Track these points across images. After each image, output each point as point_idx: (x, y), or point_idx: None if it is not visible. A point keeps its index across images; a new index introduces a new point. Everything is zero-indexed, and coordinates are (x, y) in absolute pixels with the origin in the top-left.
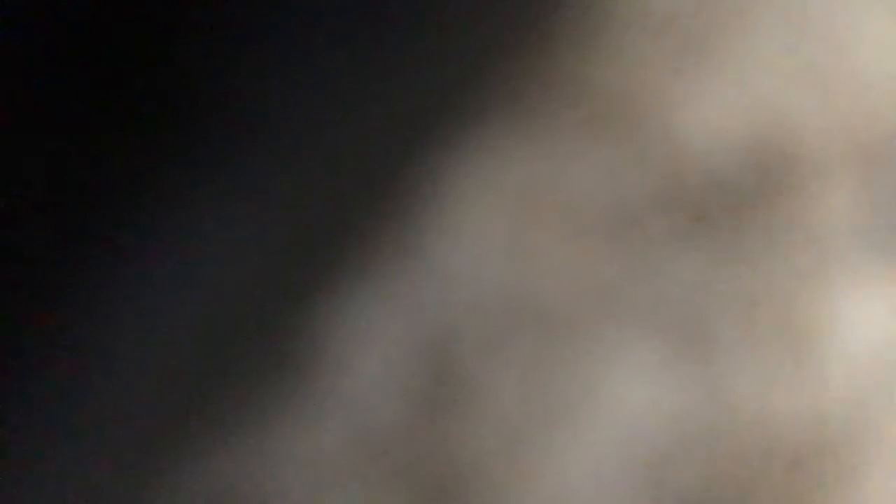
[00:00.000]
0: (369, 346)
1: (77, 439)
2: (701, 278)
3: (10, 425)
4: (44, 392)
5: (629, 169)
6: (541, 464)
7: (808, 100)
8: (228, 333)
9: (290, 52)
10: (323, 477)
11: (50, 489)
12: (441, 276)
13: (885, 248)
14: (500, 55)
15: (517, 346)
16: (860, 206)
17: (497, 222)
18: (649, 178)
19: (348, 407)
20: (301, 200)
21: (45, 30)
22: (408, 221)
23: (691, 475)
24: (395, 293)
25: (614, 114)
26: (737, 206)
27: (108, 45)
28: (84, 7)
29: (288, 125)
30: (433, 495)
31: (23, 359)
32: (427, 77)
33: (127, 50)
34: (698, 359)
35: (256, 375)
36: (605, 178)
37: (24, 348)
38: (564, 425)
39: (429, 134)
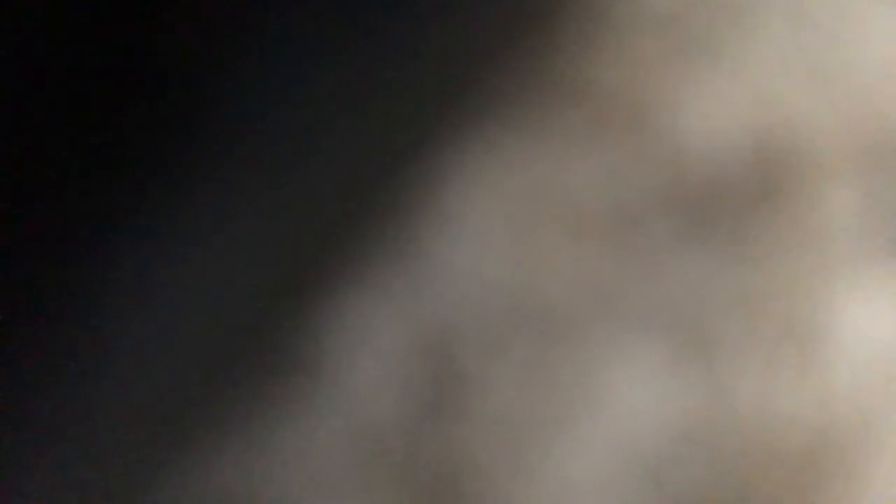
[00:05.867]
0: (369, 347)
1: (76, 440)
2: (703, 279)
3: (10, 426)
4: (43, 392)
5: (631, 169)
6: (542, 464)
7: (810, 99)
8: (228, 334)
9: (290, 53)
10: (322, 477)
11: (49, 489)
12: (441, 276)
13: (889, 248)
14: (500, 55)
15: (518, 347)
16: (864, 206)
17: (498, 222)
18: (651, 178)
19: (348, 407)
20: (301, 200)
21: (45, 29)
22: (408, 221)
23: (693, 476)
24: (396, 293)
25: (616, 114)
26: (739, 206)
27: (107, 45)
28: (84, 7)
29: (288, 125)
30: (433, 495)
31: (22, 359)
32: (427, 77)
33: (127, 49)
34: (701, 359)
35: (256, 375)
36: (607, 178)
37: (23, 349)
38: (565, 426)
39: (429, 134)
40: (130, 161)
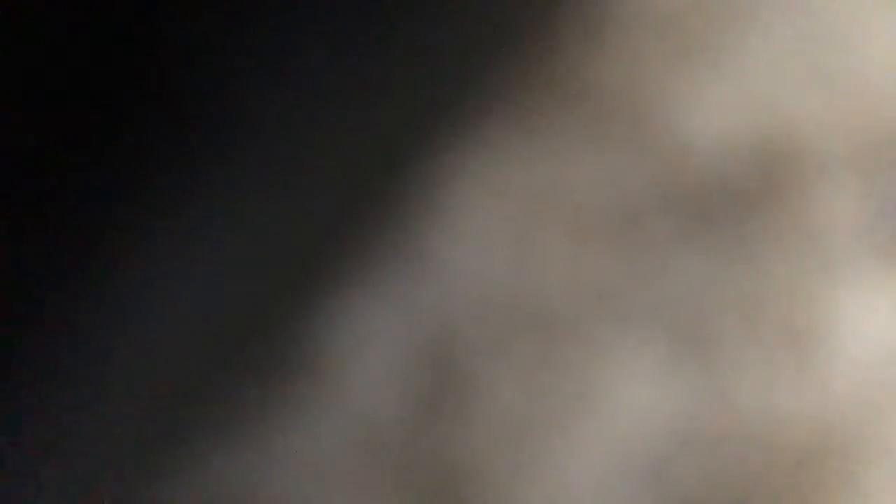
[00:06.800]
0: (370, 348)
1: (76, 440)
2: (703, 279)
3: (9, 425)
4: (43, 392)
5: (631, 169)
6: (542, 465)
7: (811, 99)
8: (228, 335)
9: (288, 53)
10: (322, 478)
11: (49, 490)
12: (442, 277)
13: (889, 249)
14: (500, 55)
15: (518, 347)
16: (864, 207)
17: (498, 223)
18: (651, 179)
19: (348, 408)
20: (301, 201)
21: (44, 30)
22: (408, 222)
23: (693, 477)
24: (396, 294)
25: (616, 114)
26: (740, 206)
27: (107, 45)
28: (83, 7)
29: (287, 126)
30: (433, 496)
31: (22, 360)
32: (427, 77)
33: (126, 50)
34: (701, 360)
35: (256, 377)
36: (607, 178)
37: (23, 349)
38: (566, 426)
39: (429, 135)
40: (131, 161)
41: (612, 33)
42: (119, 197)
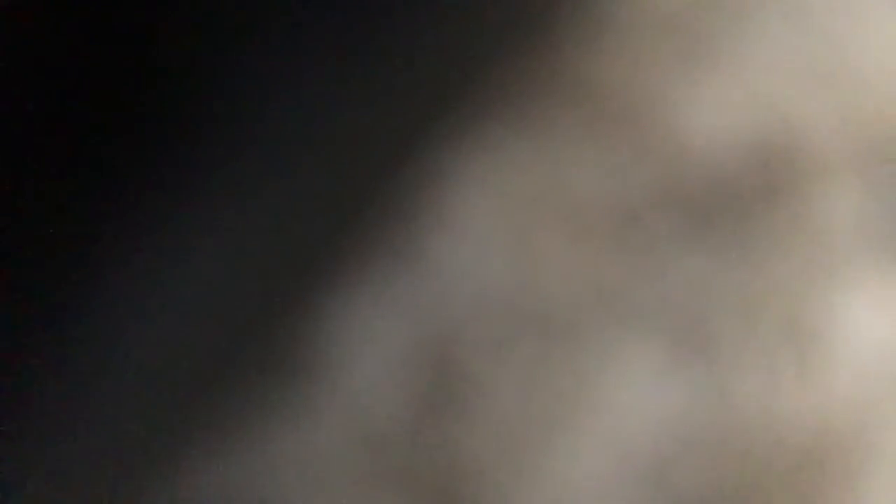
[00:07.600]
0: (370, 348)
1: (76, 440)
2: (704, 279)
3: (9, 426)
4: (43, 393)
5: (631, 169)
6: (542, 465)
7: (811, 99)
8: (228, 335)
9: (287, 52)
10: (322, 478)
11: (48, 490)
12: (441, 277)
13: (890, 249)
14: (500, 55)
15: (518, 347)
16: (865, 206)
17: (498, 223)
18: (651, 178)
19: (348, 408)
20: (300, 201)
21: (45, 31)
22: (408, 222)
23: (694, 477)
24: (396, 294)
25: (616, 114)
26: (740, 206)
27: (106, 47)
28: (83, 9)
29: (287, 126)
30: (433, 496)
31: (22, 360)
32: (426, 77)
33: (125, 51)
34: (701, 360)
35: (256, 376)
36: (607, 178)
37: (23, 349)
38: (566, 426)
39: (428, 134)
40: (133, 162)
41: (612, 33)
42: (120, 197)
